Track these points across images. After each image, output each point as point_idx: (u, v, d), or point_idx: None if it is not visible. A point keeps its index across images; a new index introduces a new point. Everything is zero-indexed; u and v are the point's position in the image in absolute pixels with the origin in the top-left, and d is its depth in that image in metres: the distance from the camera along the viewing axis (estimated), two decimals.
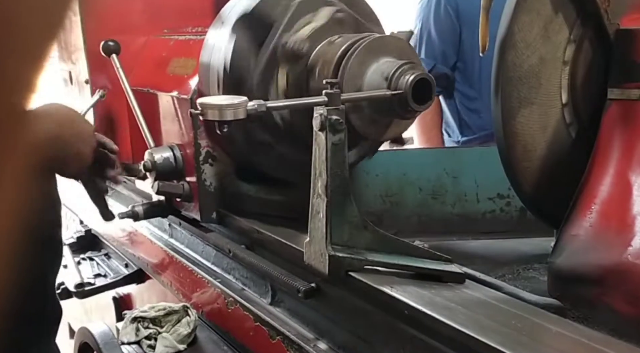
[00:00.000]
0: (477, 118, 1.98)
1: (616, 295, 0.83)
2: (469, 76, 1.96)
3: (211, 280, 1.21)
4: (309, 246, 0.88)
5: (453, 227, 1.36)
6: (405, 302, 0.78)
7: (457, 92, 2.00)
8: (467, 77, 1.97)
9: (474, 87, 1.96)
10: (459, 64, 1.97)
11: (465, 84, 1.98)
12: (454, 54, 1.96)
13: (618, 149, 0.89)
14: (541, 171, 0.99)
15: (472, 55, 1.93)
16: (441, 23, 1.94)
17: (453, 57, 1.96)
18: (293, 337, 0.96)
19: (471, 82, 1.96)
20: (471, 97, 1.98)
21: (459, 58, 1.96)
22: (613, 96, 0.91)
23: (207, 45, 1.16)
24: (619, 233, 0.85)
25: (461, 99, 2.00)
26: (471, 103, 1.98)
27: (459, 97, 2.00)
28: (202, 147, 1.20)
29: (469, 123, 1.99)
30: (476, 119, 1.98)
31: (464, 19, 1.91)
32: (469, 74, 1.96)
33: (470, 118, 1.99)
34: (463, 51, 1.95)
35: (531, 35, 0.94)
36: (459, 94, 2.00)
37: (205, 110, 0.87)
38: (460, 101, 2.00)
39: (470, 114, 1.99)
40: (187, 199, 1.24)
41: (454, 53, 1.95)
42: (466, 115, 2.00)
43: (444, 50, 1.94)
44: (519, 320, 0.74)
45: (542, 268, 1.08)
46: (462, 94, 1.99)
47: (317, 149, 0.86)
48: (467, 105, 1.99)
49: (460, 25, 1.93)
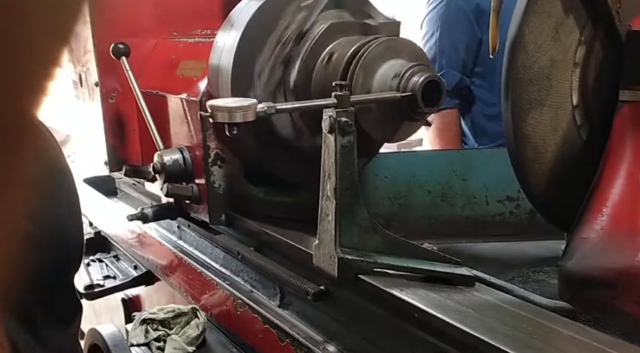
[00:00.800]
0: (495, 125, 1.89)
1: (628, 298, 0.82)
2: (489, 81, 1.91)
3: (220, 282, 1.21)
4: (318, 248, 0.88)
5: (462, 230, 1.36)
6: (416, 305, 0.78)
7: (476, 98, 1.93)
8: (488, 82, 1.91)
9: (493, 92, 1.90)
10: (478, 68, 1.91)
11: (485, 89, 1.91)
12: (472, 61, 1.90)
13: (630, 151, 0.89)
14: (551, 173, 0.98)
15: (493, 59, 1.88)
16: (460, 30, 1.88)
17: (470, 65, 1.91)
18: (302, 339, 0.96)
19: (491, 87, 1.89)
20: (490, 102, 1.91)
21: (478, 63, 1.90)
22: (625, 98, 0.91)
23: (217, 48, 1.17)
24: (631, 236, 0.84)
25: (480, 105, 1.93)
26: (491, 109, 1.91)
27: (478, 103, 1.93)
28: (211, 149, 1.20)
29: (487, 130, 1.93)
30: (494, 126, 1.90)
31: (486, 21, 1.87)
32: (489, 79, 1.90)
33: (487, 125, 1.92)
34: (483, 55, 1.88)
35: (542, 36, 0.94)
36: (478, 100, 1.93)
37: (214, 113, 0.88)
38: (478, 108, 1.93)
39: (488, 121, 1.92)
40: (196, 201, 1.25)
41: (471, 60, 1.90)
42: (483, 122, 1.93)
43: (464, 59, 1.89)
44: (530, 323, 0.73)
45: (552, 271, 1.07)
46: (481, 100, 1.93)
47: (326, 151, 0.86)
48: (486, 111, 1.92)
49: (482, 29, 1.86)
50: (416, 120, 0.99)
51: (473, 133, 1.96)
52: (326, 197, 0.86)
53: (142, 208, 1.32)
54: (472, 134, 1.97)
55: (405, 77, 0.94)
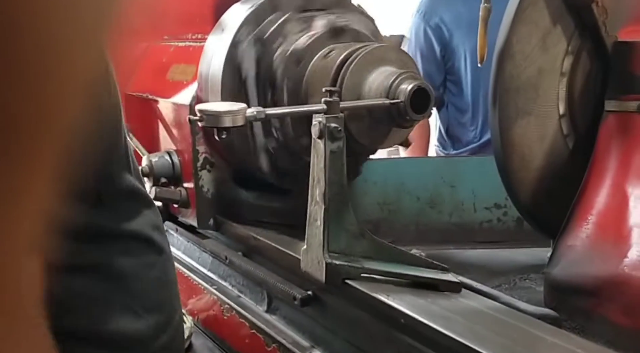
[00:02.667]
0: (465, 131, 2.00)
1: (612, 307, 0.83)
2: (460, 89, 1.99)
3: (207, 287, 1.20)
4: (306, 253, 0.88)
5: (450, 237, 1.36)
6: (402, 310, 0.78)
7: (451, 105, 2.02)
8: (459, 89, 1.99)
9: (465, 100, 1.98)
10: (450, 76, 1.99)
11: (457, 97, 2.00)
12: (440, 73, 1.98)
13: (615, 160, 0.90)
14: (538, 181, 0.99)
15: (462, 67, 1.95)
16: (423, 46, 1.97)
17: (440, 77, 1.99)
18: (289, 345, 0.96)
19: (462, 94, 1.98)
20: (462, 109, 2.00)
21: (449, 71, 1.99)
22: (610, 108, 0.92)
23: (207, 52, 1.17)
24: (616, 244, 0.85)
25: (453, 112, 2.02)
26: (462, 116, 2.00)
27: (452, 110, 2.02)
28: (200, 153, 1.20)
29: (459, 136, 2.02)
30: (465, 133, 2.00)
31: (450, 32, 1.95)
32: (460, 87, 1.98)
33: (459, 132, 2.01)
34: (452, 65, 1.97)
35: (529, 46, 0.95)
36: (453, 107, 2.02)
37: (203, 117, 0.88)
38: (452, 115, 2.02)
39: (460, 127, 2.01)
40: (184, 205, 1.24)
41: (439, 73, 1.98)
42: (456, 128, 2.02)
43: (429, 72, 1.96)
44: (515, 330, 0.74)
45: (538, 279, 1.08)
46: (455, 107, 2.01)
47: (315, 156, 0.86)
48: (459, 118, 2.01)
49: (444, 43, 1.95)
50: (405, 127, 1.00)
51: (449, 139, 2.02)
52: (315, 202, 0.87)
53: None
54: (448, 139, 2.03)
55: (395, 84, 0.94)
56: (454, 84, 2.00)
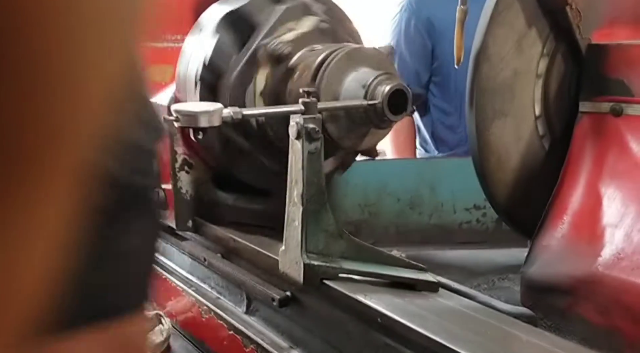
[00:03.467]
0: (452, 134, 1.96)
1: (587, 305, 0.84)
2: (445, 91, 1.96)
3: (186, 288, 1.20)
4: (284, 254, 0.87)
5: (430, 237, 1.37)
6: (379, 310, 0.78)
7: (434, 107, 1.98)
8: (443, 91, 1.96)
9: (450, 102, 1.95)
10: (435, 78, 1.95)
11: (442, 99, 1.96)
12: (427, 72, 1.94)
13: (589, 161, 0.91)
14: (515, 182, 1.00)
15: (448, 69, 1.92)
16: (412, 41, 1.92)
17: (426, 76, 1.95)
18: (267, 345, 0.96)
19: (448, 97, 1.95)
20: (447, 112, 1.97)
21: (434, 72, 1.95)
22: (584, 109, 0.93)
23: (185, 53, 1.16)
24: (590, 243, 0.86)
25: (438, 114, 1.98)
26: (447, 118, 1.97)
27: (436, 112, 1.98)
28: (178, 154, 1.19)
29: (445, 139, 1.98)
30: (451, 135, 1.96)
31: (438, 33, 1.91)
32: (445, 89, 1.95)
33: (445, 134, 1.98)
34: (439, 65, 1.93)
35: (505, 48, 0.96)
36: (436, 109, 1.98)
37: (179, 117, 0.87)
38: (436, 117, 1.99)
39: (445, 130, 1.98)
40: (162, 207, 1.23)
41: (426, 71, 1.94)
42: (442, 131, 1.98)
43: (417, 69, 1.93)
44: (491, 328, 0.74)
45: (516, 278, 1.08)
46: (439, 109, 1.97)
47: (293, 157, 0.86)
48: (443, 120, 1.98)
49: (433, 41, 1.91)
50: (382, 128, 1.00)
51: (433, 141, 2.01)
52: (293, 203, 0.86)
53: None
54: (433, 142, 2.01)
55: (372, 86, 0.95)
56: (438, 85, 1.96)
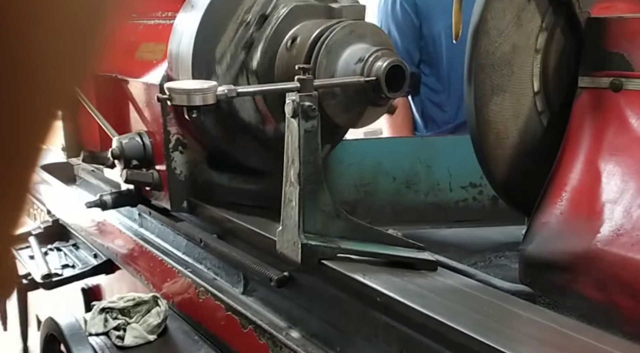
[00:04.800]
0: (440, 112, 1.98)
1: (585, 282, 0.84)
2: (435, 69, 1.96)
3: (182, 270, 1.19)
4: (282, 234, 0.87)
5: (426, 216, 1.37)
6: (378, 289, 0.78)
7: (423, 85, 1.99)
8: (434, 70, 1.97)
9: (440, 80, 1.96)
10: (424, 57, 1.96)
11: (432, 77, 1.97)
12: (417, 50, 1.95)
13: (588, 137, 0.90)
14: (513, 159, 0.99)
15: (435, 47, 1.92)
16: (400, 21, 1.93)
17: (417, 54, 1.95)
18: (265, 325, 0.95)
19: (438, 75, 1.96)
20: (437, 90, 1.98)
21: (423, 51, 1.95)
22: (583, 84, 0.92)
23: (177, 30, 1.14)
24: (589, 220, 0.86)
25: (427, 92, 1.99)
26: (436, 96, 1.98)
27: (425, 91, 1.99)
28: (172, 134, 1.17)
29: (434, 117, 1.99)
30: (440, 113, 1.98)
31: (424, 11, 1.91)
32: (435, 67, 1.96)
33: (434, 112, 1.99)
34: (426, 44, 1.93)
35: (504, 22, 0.94)
36: (426, 88, 1.98)
37: (173, 96, 0.85)
38: (425, 95, 1.99)
39: (434, 108, 1.99)
40: (157, 188, 1.22)
41: (417, 49, 1.94)
42: (431, 109, 1.99)
43: (407, 48, 1.93)
44: (490, 306, 0.74)
45: (513, 256, 1.09)
46: (429, 87, 1.98)
47: (289, 136, 0.84)
48: (432, 98, 1.99)
49: (421, 19, 1.91)
50: (380, 105, 0.99)
51: (422, 120, 2.01)
52: (290, 182, 0.85)
53: (101, 196, 1.29)
54: (422, 121, 2.01)
55: (369, 62, 0.93)
56: (427, 63, 1.97)
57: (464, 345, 0.66)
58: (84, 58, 0.24)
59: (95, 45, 0.24)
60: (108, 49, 0.25)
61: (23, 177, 0.24)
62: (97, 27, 0.24)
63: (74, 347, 1.13)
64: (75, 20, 0.23)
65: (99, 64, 0.25)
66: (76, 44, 0.23)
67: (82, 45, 0.24)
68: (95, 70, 0.25)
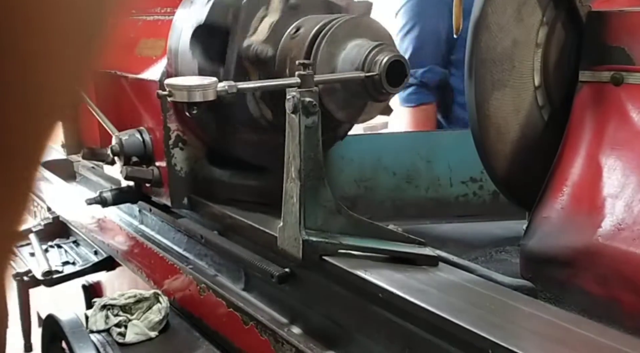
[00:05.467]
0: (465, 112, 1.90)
1: (587, 276, 0.84)
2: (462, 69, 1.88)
3: (183, 266, 1.19)
4: (283, 231, 0.86)
5: (426, 211, 1.37)
6: (379, 285, 0.77)
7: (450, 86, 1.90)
8: (460, 70, 1.88)
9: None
10: (452, 57, 1.87)
11: (457, 78, 1.85)
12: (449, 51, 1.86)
13: (589, 131, 0.90)
14: (514, 153, 0.99)
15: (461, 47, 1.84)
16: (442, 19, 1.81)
17: (447, 55, 1.86)
18: (266, 322, 0.95)
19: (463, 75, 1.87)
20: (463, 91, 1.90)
21: (452, 51, 1.86)
22: (584, 79, 0.92)
23: (176, 26, 1.13)
24: (590, 215, 0.85)
25: (453, 94, 1.89)
26: (462, 97, 1.90)
27: (452, 92, 1.90)
28: (172, 130, 1.17)
29: (461, 118, 1.88)
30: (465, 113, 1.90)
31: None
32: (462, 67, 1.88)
33: (461, 113, 1.87)
34: (457, 43, 1.81)
35: (504, 17, 0.94)
36: (452, 89, 1.89)
37: (173, 92, 0.85)
38: (452, 96, 1.89)
39: (461, 109, 1.86)
40: (157, 184, 1.22)
41: (449, 50, 1.85)
42: (458, 110, 1.88)
43: (443, 51, 1.84)
44: (492, 301, 0.74)
45: (514, 251, 1.09)
46: (454, 88, 1.88)
47: (290, 132, 0.84)
48: (459, 100, 1.86)
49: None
50: (380, 100, 0.98)
51: (446, 121, 1.95)
52: (290, 178, 0.85)
53: (101, 192, 1.29)
54: (445, 122, 1.95)
55: (370, 57, 0.92)
56: (454, 65, 1.85)
57: (466, 340, 0.66)
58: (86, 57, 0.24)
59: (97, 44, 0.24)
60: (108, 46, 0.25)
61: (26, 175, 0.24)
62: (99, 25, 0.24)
63: (75, 344, 1.13)
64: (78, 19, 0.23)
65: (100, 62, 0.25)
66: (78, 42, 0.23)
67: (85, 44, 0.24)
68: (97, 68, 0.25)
